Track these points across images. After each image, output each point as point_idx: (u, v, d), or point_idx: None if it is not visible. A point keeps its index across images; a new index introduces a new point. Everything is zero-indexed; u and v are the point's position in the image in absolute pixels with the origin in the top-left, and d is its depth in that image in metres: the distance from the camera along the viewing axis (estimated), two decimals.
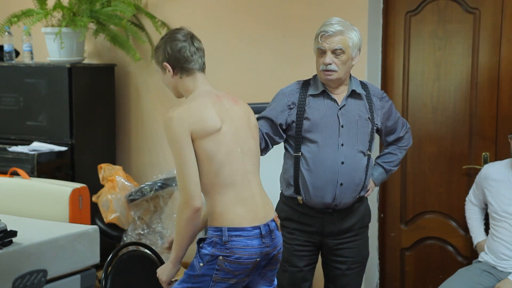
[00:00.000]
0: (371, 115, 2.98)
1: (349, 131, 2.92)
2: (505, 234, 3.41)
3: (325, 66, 2.86)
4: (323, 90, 2.94)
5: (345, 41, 2.86)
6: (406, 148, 3.21)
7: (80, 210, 4.06)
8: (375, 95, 3.03)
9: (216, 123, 2.44)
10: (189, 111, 2.43)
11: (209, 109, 2.45)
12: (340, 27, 2.86)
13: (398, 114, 3.14)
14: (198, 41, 2.58)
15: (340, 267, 3.05)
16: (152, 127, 4.90)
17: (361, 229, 3.06)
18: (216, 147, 2.43)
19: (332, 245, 3.02)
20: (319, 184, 2.90)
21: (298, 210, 3.00)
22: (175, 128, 2.39)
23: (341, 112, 2.92)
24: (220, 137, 2.45)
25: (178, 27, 2.61)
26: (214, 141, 2.43)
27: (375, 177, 3.15)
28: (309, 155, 2.91)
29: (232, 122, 2.51)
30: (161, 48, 2.53)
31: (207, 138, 2.42)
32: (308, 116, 2.92)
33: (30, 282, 3.34)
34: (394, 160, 3.18)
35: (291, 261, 3.03)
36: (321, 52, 2.88)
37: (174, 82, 2.55)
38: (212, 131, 2.43)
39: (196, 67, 2.54)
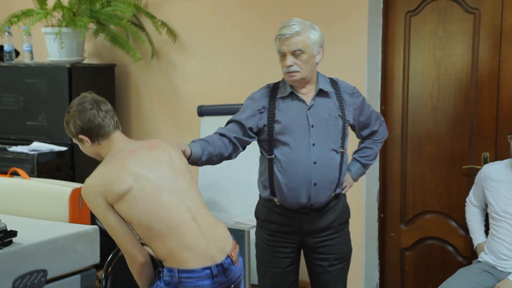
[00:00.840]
0: (342, 112, 2.99)
1: (319, 130, 2.93)
2: (505, 234, 3.41)
3: (287, 68, 2.89)
4: (291, 91, 2.96)
5: (304, 41, 2.88)
6: (381, 141, 3.22)
7: (80, 210, 4.06)
8: (345, 91, 3.04)
9: (124, 184, 2.43)
10: (98, 178, 2.47)
11: (115, 171, 2.45)
12: (297, 27, 2.88)
13: (371, 108, 3.14)
14: (104, 104, 2.57)
15: (322, 264, 3.06)
16: (152, 127, 4.90)
17: (340, 226, 3.08)
18: (135, 204, 2.42)
19: (312, 244, 3.04)
20: (293, 185, 2.92)
21: (275, 211, 3.02)
22: (90, 199, 2.45)
23: (310, 112, 2.94)
24: (137, 193, 2.43)
25: (80, 95, 2.58)
26: (130, 200, 2.42)
27: (353, 172, 3.17)
28: (282, 157, 2.94)
29: (151, 171, 2.49)
30: (71, 122, 2.54)
31: (122, 199, 2.42)
32: (279, 119, 2.95)
33: (30, 282, 3.33)
34: (371, 154, 3.19)
35: (272, 263, 3.06)
36: (282, 54, 2.91)
37: (94, 150, 2.57)
38: (124, 192, 2.42)
39: (111, 129, 2.54)
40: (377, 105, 4.08)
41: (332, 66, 4.07)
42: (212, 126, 4.34)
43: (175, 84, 4.77)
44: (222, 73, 4.55)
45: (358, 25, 4.00)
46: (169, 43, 4.74)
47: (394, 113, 4.11)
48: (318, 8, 4.13)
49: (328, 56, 4.10)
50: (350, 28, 4.04)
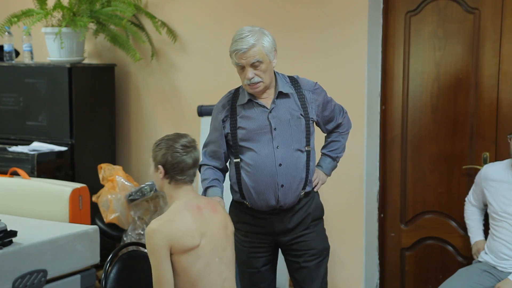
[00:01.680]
0: (304, 111, 2.99)
1: (282, 132, 2.94)
2: (505, 234, 3.41)
3: (248, 80, 2.90)
4: (249, 99, 2.98)
5: (260, 51, 2.89)
6: (347, 132, 3.22)
7: (80, 210, 4.06)
8: (306, 88, 3.04)
9: (195, 240, 2.52)
10: (170, 226, 2.51)
11: (189, 225, 2.53)
12: (251, 39, 2.88)
13: (333, 102, 3.14)
14: (198, 152, 2.64)
15: (297, 260, 3.07)
16: (152, 127, 4.90)
17: (313, 222, 3.07)
18: (193, 261, 2.52)
19: (285, 242, 3.06)
20: (260, 189, 2.94)
21: (247, 213, 3.04)
22: (155, 243, 2.48)
23: (271, 115, 2.95)
24: (199, 252, 2.53)
25: (188, 137, 2.64)
26: (192, 256, 2.52)
27: (325, 168, 3.18)
28: (248, 161, 2.96)
29: (212, 234, 2.59)
30: (163, 150, 2.59)
31: (186, 254, 2.51)
32: (241, 125, 2.97)
33: (30, 282, 3.34)
34: (339, 147, 3.20)
35: (248, 263, 3.08)
36: (241, 67, 2.92)
37: (161, 183, 2.63)
38: (191, 247, 2.51)
39: (187, 180, 2.61)
40: (377, 105, 4.08)
41: (332, 66, 4.09)
42: None
43: (175, 84, 4.77)
44: (222, 73, 4.54)
45: (358, 25, 4.00)
46: (169, 43, 4.73)
47: (394, 113, 4.11)
48: (318, 8, 4.12)
49: (328, 56, 4.13)
50: (350, 28, 4.04)
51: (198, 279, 2.53)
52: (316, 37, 4.14)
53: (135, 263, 2.91)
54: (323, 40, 4.13)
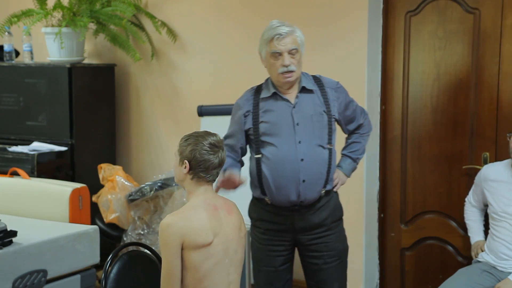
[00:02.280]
0: (327, 107, 3.00)
1: (304, 127, 2.95)
2: (505, 234, 3.41)
3: (285, 67, 2.90)
4: (274, 92, 2.99)
5: (296, 40, 2.93)
6: (368, 134, 3.23)
7: (80, 210, 4.06)
8: (329, 86, 3.05)
9: (208, 238, 2.53)
10: (184, 221, 2.51)
11: (204, 222, 2.53)
12: (288, 27, 2.92)
13: (355, 102, 3.16)
14: (224, 153, 2.63)
15: (316, 262, 3.06)
16: (152, 127, 4.90)
17: (333, 224, 3.07)
18: (204, 259, 2.52)
19: (305, 241, 3.05)
20: (282, 183, 2.94)
21: (267, 210, 3.04)
22: (168, 236, 2.49)
23: (295, 110, 2.97)
24: (210, 250, 2.54)
25: (217, 136, 2.62)
26: (203, 253, 2.52)
27: (345, 168, 3.18)
28: (269, 156, 2.96)
29: (225, 234, 2.59)
30: (191, 145, 2.58)
31: (197, 250, 2.51)
32: (263, 120, 2.99)
33: (30, 282, 3.34)
34: (359, 148, 3.21)
35: (266, 261, 3.07)
36: (277, 55, 2.92)
37: (183, 176, 2.62)
38: (203, 244, 2.52)
39: (210, 179, 2.61)
40: (377, 105, 4.08)
41: (332, 66, 4.08)
42: (212, 126, 4.35)
43: (175, 84, 4.77)
44: (222, 73, 4.55)
45: (358, 25, 4.00)
46: (169, 43, 4.74)
47: (394, 113, 4.11)
48: (318, 8, 4.13)
49: (328, 56, 4.13)
50: (350, 28, 4.04)
51: (206, 276, 2.53)
52: (316, 37, 4.13)
53: (135, 263, 2.91)
54: (323, 40, 4.13)
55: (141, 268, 2.92)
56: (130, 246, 3.23)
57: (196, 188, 2.60)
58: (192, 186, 2.61)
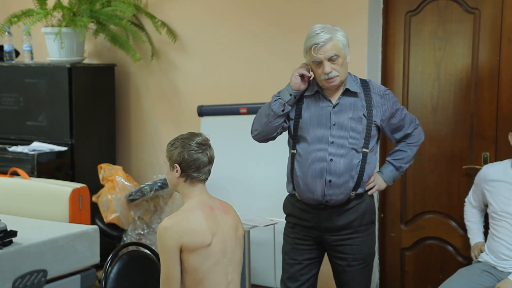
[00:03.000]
0: (368, 112, 3.00)
1: (340, 129, 2.97)
2: (505, 234, 3.41)
3: (326, 75, 2.92)
4: (316, 90, 3.02)
5: (336, 45, 2.93)
6: (416, 144, 3.23)
7: (80, 210, 4.06)
8: (376, 92, 3.05)
9: (206, 239, 2.54)
10: (182, 224, 2.52)
11: (202, 224, 2.54)
12: (327, 34, 2.92)
13: (405, 111, 3.16)
14: (212, 150, 2.65)
15: (340, 263, 3.09)
16: (152, 127, 4.90)
17: (361, 227, 3.07)
18: (203, 260, 2.53)
19: (331, 241, 3.07)
20: (309, 181, 2.98)
21: (297, 206, 3.09)
22: (166, 240, 2.50)
23: (334, 110, 2.99)
24: (209, 251, 2.55)
25: (202, 136, 2.64)
26: (202, 255, 2.53)
27: (385, 175, 3.18)
28: (301, 152, 3.01)
29: (222, 234, 2.60)
30: (178, 148, 2.59)
31: (196, 252, 2.52)
32: (303, 116, 3.02)
33: (30, 282, 3.34)
34: (404, 157, 3.20)
35: (290, 254, 3.12)
36: (318, 63, 2.93)
37: (176, 181, 2.63)
38: (202, 246, 2.52)
39: (202, 178, 2.62)
40: None
41: None
42: (212, 126, 4.37)
43: (175, 84, 4.77)
44: (222, 73, 4.55)
45: (358, 25, 4.00)
46: (169, 43, 4.74)
47: None
48: (318, 8, 4.12)
49: None
50: (350, 28, 4.02)
51: (206, 277, 2.54)
52: None
53: (135, 263, 2.91)
54: None
55: (141, 268, 2.92)
56: (130, 246, 3.23)
57: (191, 190, 2.61)
58: (187, 188, 2.61)
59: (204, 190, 2.65)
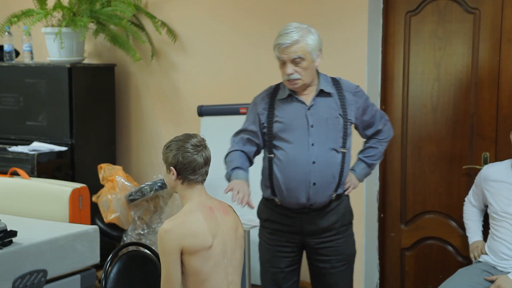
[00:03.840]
0: (343, 111, 2.97)
1: (318, 130, 2.93)
2: (506, 234, 3.41)
3: (287, 76, 2.88)
4: (289, 94, 2.97)
5: (303, 48, 2.87)
6: (386, 140, 3.19)
7: (80, 210, 4.06)
8: (348, 90, 3.02)
9: (207, 241, 2.53)
10: (182, 226, 2.51)
11: (202, 226, 2.54)
12: (295, 35, 2.86)
13: (375, 107, 3.13)
14: (208, 151, 2.64)
15: (324, 266, 3.05)
16: (152, 127, 4.90)
17: (342, 228, 3.05)
18: (204, 262, 2.52)
19: (313, 245, 3.03)
20: (292, 185, 2.92)
21: (276, 211, 3.02)
22: (167, 243, 2.49)
23: (310, 112, 2.94)
24: (210, 253, 2.54)
25: (198, 137, 2.62)
26: (203, 257, 2.52)
27: (358, 172, 3.15)
28: (281, 157, 2.94)
29: (222, 235, 2.60)
30: (173, 151, 2.58)
31: (197, 254, 2.51)
32: (278, 119, 2.96)
33: (30, 282, 3.34)
34: (376, 154, 3.17)
35: (272, 262, 3.06)
36: (282, 62, 2.90)
37: (174, 184, 2.62)
38: (203, 248, 2.52)
39: (199, 179, 2.61)
40: (377, 105, 4.07)
41: (332, 66, 4.07)
42: (212, 126, 4.37)
43: (175, 84, 4.78)
44: (222, 73, 4.55)
45: (358, 25, 4.00)
46: (169, 43, 4.74)
47: (394, 113, 4.11)
48: (318, 8, 4.12)
49: (328, 56, 4.11)
50: (350, 28, 4.04)
51: (207, 279, 2.54)
52: None
53: (135, 263, 2.91)
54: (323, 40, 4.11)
55: (141, 268, 2.92)
56: (130, 246, 3.23)
57: (190, 192, 2.60)
58: (185, 190, 2.61)
59: (203, 191, 2.65)
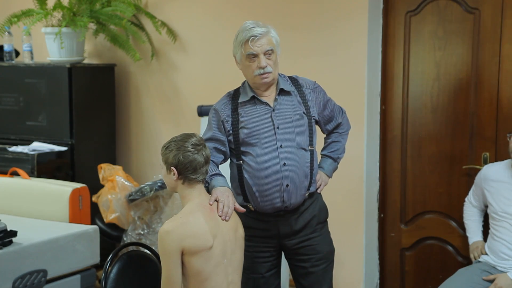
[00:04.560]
0: (306, 109, 2.95)
1: (285, 131, 2.89)
2: (506, 234, 3.41)
3: (262, 69, 2.84)
4: (252, 95, 2.92)
5: (271, 41, 2.87)
6: (347, 133, 3.18)
7: (80, 210, 4.06)
8: (306, 87, 2.99)
9: (208, 242, 2.53)
10: (183, 227, 2.51)
11: (203, 226, 2.54)
12: (263, 28, 2.86)
13: (333, 101, 3.10)
14: (207, 149, 2.65)
15: (304, 265, 3.01)
16: (152, 127, 4.90)
17: (318, 225, 3.02)
18: (205, 262, 2.53)
19: (291, 246, 2.99)
20: (265, 190, 2.88)
21: (251, 216, 2.96)
22: (168, 244, 2.49)
23: (274, 113, 2.90)
24: (210, 253, 2.54)
25: (197, 136, 2.63)
26: (204, 257, 2.53)
27: (326, 169, 3.12)
28: (251, 162, 2.89)
29: (222, 236, 2.60)
30: (173, 151, 2.59)
31: (198, 255, 2.51)
32: (243, 125, 2.91)
33: (30, 282, 3.34)
34: (339, 148, 3.15)
35: (252, 268, 3.01)
36: (253, 56, 2.86)
37: (174, 184, 2.63)
38: (203, 249, 2.52)
39: (200, 178, 2.61)
40: (377, 105, 4.08)
41: (332, 66, 4.09)
42: None
43: (175, 84, 4.78)
44: (222, 73, 4.54)
45: (358, 25, 4.00)
46: (169, 43, 4.74)
47: (394, 113, 4.12)
48: (318, 8, 4.13)
49: (328, 56, 4.13)
50: (350, 28, 4.04)
51: (208, 279, 2.54)
52: (316, 37, 4.14)
53: (135, 263, 2.91)
54: (323, 40, 4.13)
55: (141, 268, 2.93)
56: (130, 246, 3.23)
57: (190, 192, 2.60)
58: (185, 190, 2.61)
59: (203, 191, 2.65)
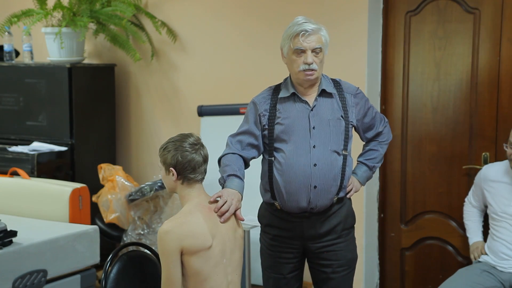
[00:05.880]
0: (345, 113, 2.92)
1: (320, 132, 2.86)
2: (505, 234, 3.41)
3: (307, 65, 2.81)
4: (293, 92, 2.90)
5: (321, 39, 2.85)
6: (386, 143, 3.14)
7: (80, 210, 4.07)
8: (348, 91, 2.97)
9: (207, 242, 2.53)
10: (183, 227, 2.51)
11: (202, 226, 2.54)
12: (314, 25, 2.83)
13: (375, 110, 3.07)
14: (205, 149, 2.64)
15: (325, 270, 2.97)
16: (152, 127, 4.90)
17: (344, 232, 2.98)
18: (204, 262, 2.52)
19: (314, 249, 2.96)
20: (292, 189, 2.85)
21: (277, 215, 2.95)
22: (167, 244, 2.49)
23: (312, 113, 2.87)
24: (210, 253, 2.54)
25: (194, 136, 2.63)
26: (203, 257, 2.52)
27: (360, 175, 3.09)
28: (281, 160, 2.87)
29: (221, 235, 2.59)
30: (171, 152, 2.59)
31: (197, 255, 2.51)
32: (279, 121, 2.88)
33: (30, 282, 3.34)
34: (377, 157, 3.11)
35: (274, 268, 3.00)
36: (300, 52, 2.82)
37: (174, 185, 2.63)
38: (203, 249, 2.52)
39: (198, 178, 2.61)
40: (377, 105, 4.08)
41: (332, 66, 4.08)
42: (212, 126, 4.37)
43: (175, 84, 4.78)
44: (222, 73, 4.55)
45: (358, 25, 4.00)
46: (169, 43, 4.74)
47: (394, 113, 4.12)
48: (318, 8, 4.12)
49: (328, 56, 4.11)
50: (350, 28, 4.04)
51: (208, 279, 2.54)
52: None
53: (135, 263, 2.91)
54: None
55: (141, 268, 2.92)
56: (130, 246, 3.23)
57: (189, 191, 2.60)
58: (184, 190, 2.61)
59: (202, 190, 2.64)
